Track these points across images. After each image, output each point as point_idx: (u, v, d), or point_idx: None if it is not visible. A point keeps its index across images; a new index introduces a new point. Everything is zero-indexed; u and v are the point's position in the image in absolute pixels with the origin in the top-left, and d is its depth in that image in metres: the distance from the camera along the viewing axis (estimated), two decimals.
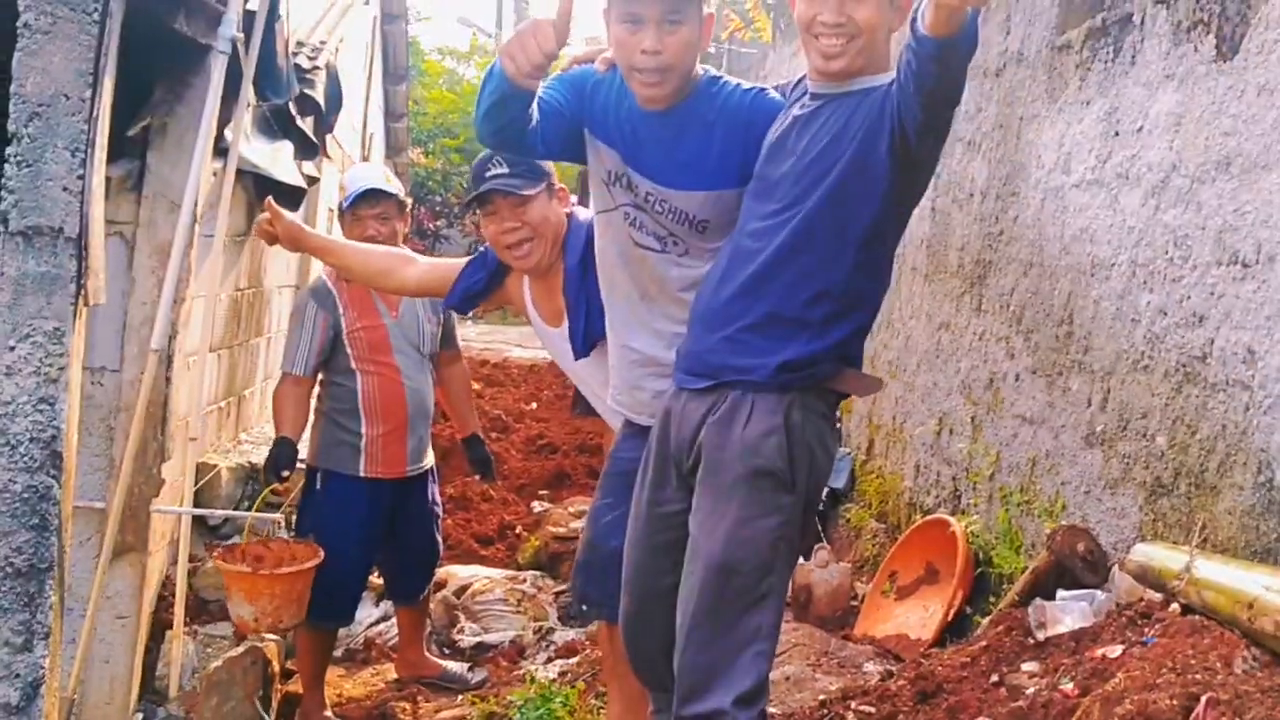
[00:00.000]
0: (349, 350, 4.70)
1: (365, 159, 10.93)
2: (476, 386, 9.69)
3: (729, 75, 2.97)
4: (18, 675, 3.57)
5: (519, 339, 14.60)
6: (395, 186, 4.85)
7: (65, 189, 3.63)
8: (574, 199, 3.63)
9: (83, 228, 3.66)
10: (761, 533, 2.59)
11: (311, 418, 4.82)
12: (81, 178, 3.66)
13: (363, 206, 4.72)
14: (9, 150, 3.63)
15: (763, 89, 2.91)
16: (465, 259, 3.77)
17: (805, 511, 2.67)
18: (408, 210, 4.92)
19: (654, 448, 2.81)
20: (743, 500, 2.59)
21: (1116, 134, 3.72)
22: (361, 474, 4.66)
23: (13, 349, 3.61)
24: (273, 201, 3.86)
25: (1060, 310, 4.06)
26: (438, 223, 21.79)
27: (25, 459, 3.58)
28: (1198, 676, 2.52)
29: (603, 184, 2.98)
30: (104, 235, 3.81)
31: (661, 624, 2.73)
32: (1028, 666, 3.16)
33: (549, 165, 3.53)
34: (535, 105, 2.85)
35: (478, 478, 5.30)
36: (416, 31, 22.11)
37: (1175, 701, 2.42)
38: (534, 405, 9.27)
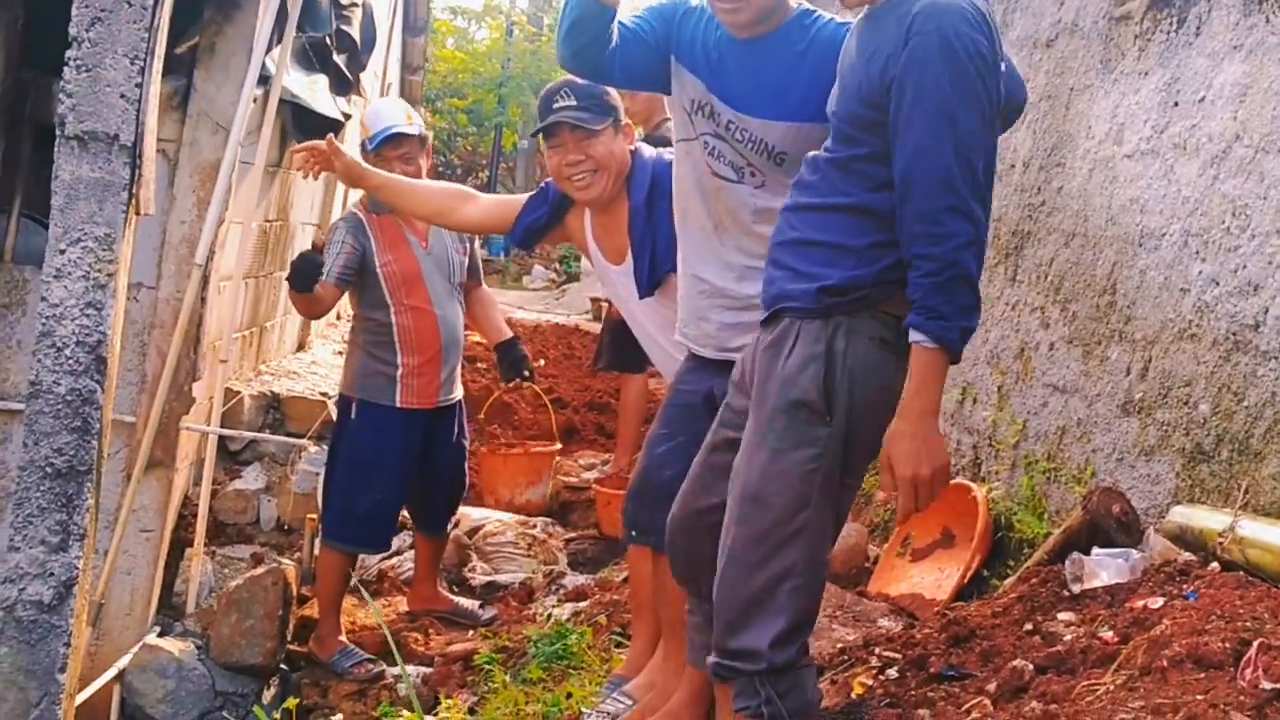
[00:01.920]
0: (384, 285, 4.72)
1: None
2: (483, 342, 9.70)
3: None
4: (52, 574, 3.60)
5: (519, 301, 14.61)
6: (417, 125, 4.84)
7: (123, 96, 3.64)
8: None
9: (138, 136, 3.67)
10: (793, 465, 2.52)
11: (346, 349, 4.86)
12: (140, 86, 3.66)
13: (387, 149, 4.74)
14: (69, 54, 3.63)
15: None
16: (526, 195, 3.78)
17: (849, 446, 2.55)
18: (430, 144, 4.94)
19: (735, 376, 2.82)
20: (778, 432, 2.55)
21: (1176, 104, 3.74)
22: (397, 404, 4.70)
23: (63, 252, 3.63)
24: (333, 138, 3.89)
25: (1103, 280, 4.08)
26: None
27: (70, 361, 3.60)
28: (1247, 625, 2.55)
29: (685, 112, 3.00)
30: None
31: (705, 539, 2.73)
32: (1064, 616, 3.17)
33: (617, 101, 3.54)
34: (617, 30, 2.88)
35: (515, 382, 5.16)
36: None
37: (1226, 645, 2.45)
38: (542, 362, 9.31)
